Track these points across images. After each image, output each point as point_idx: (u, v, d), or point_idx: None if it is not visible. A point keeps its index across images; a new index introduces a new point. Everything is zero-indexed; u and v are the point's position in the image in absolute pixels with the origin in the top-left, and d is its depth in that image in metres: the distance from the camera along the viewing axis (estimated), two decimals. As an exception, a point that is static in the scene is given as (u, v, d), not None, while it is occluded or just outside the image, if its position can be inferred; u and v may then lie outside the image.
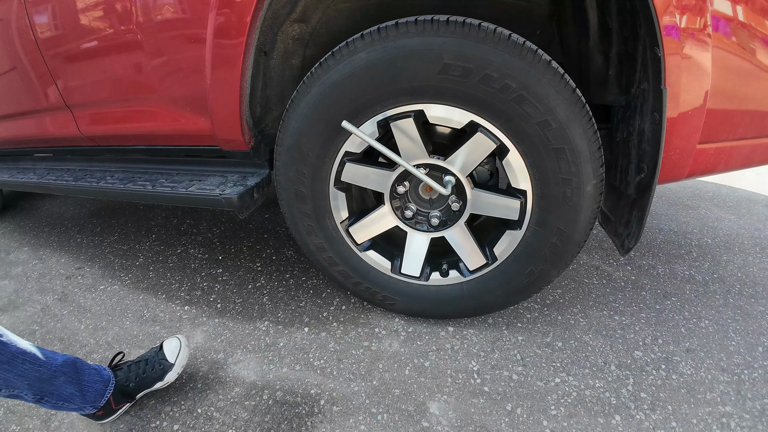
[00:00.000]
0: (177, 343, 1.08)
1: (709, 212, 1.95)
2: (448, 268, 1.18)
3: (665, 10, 0.77)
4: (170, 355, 1.05)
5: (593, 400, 1.01)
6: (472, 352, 1.16)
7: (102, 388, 0.97)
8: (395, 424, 0.97)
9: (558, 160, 0.90)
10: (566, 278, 1.45)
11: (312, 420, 0.98)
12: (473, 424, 0.96)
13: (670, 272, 1.48)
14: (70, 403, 0.93)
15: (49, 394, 0.90)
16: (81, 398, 0.94)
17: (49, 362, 0.90)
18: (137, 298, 1.46)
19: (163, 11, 1.04)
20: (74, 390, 0.93)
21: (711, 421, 0.95)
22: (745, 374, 1.07)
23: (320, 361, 1.15)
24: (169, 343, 1.08)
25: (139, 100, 1.23)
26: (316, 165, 1.05)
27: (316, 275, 1.52)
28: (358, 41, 0.89)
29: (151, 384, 1.03)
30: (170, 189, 1.24)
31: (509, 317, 1.28)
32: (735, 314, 1.27)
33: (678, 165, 0.94)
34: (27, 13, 1.27)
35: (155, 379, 1.03)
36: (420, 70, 0.87)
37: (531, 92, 0.85)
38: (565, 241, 1.00)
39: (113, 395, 0.99)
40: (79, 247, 1.86)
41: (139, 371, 1.03)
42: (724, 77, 0.87)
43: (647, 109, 0.88)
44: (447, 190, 0.99)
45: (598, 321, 1.25)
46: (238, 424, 0.98)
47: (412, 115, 0.94)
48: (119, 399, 1.00)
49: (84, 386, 0.95)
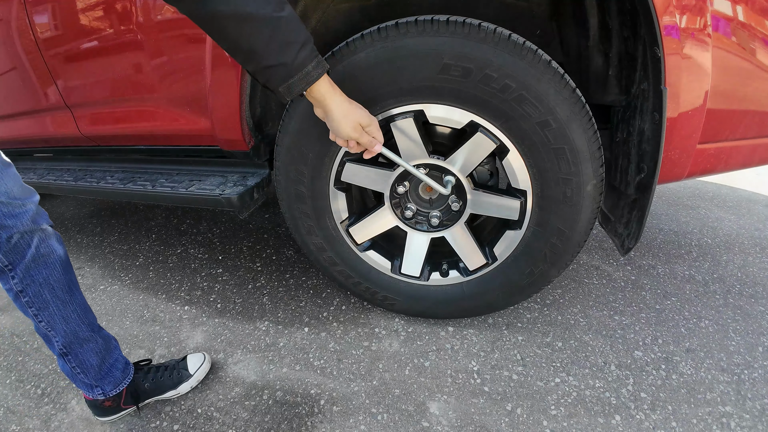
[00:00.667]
0: (201, 358, 1.12)
1: (709, 212, 1.95)
2: (448, 268, 1.18)
3: (665, 10, 0.77)
4: (191, 367, 1.08)
5: (593, 400, 1.01)
6: (472, 352, 1.16)
7: (120, 377, 0.99)
8: (395, 424, 0.97)
9: (558, 160, 0.90)
10: (566, 278, 1.45)
11: (312, 420, 0.98)
12: (473, 424, 0.96)
13: (670, 272, 1.48)
14: (86, 375, 0.94)
15: (73, 354, 0.92)
16: (97, 375, 0.96)
17: (91, 324, 0.94)
18: (137, 298, 1.46)
19: (163, 11, 1.04)
20: (96, 363, 0.95)
21: (711, 421, 0.95)
22: (745, 374, 1.07)
23: (320, 361, 1.15)
24: (193, 356, 1.12)
25: (139, 100, 1.23)
26: (316, 165, 1.05)
27: (316, 275, 1.52)
28: (358, 41, 0.89)
29: (164, 390, 1.05)
30: (170, 189, 1.24)
31: (509, 317, 1.28)
32: (735, 314, 1.27)
33: (678, 165, 0.94)
34: (27, 13, 1.26)
35: (170, 387, 1.05)
36: (420, 70, 0.87)
37: (531, 92, 0.85)
38: (565, 241, 1.00)
39: (127, 389, 1.00)
40: (79, 247, 1.86)
41: (157, 375, 1.06)
42: (724, 77, 0.87)
43: (647, 109, 0.88)
44: (447, 190, 0.99)
45: (598, 321, 1.25)
46: (238, 424, 0.98)
47: (412, 115, 0.94)
48: (129, 399, 1.01)
49: (106, 365, 0.97)
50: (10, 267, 0.82)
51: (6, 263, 0.81)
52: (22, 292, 0.84)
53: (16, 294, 0.84)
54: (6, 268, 0.81)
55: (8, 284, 0.84)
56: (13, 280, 0.83)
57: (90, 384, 0.95)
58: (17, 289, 0.84)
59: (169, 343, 1.25)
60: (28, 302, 0.85)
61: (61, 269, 0.87)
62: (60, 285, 0.87)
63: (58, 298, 0.87)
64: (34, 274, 0.83)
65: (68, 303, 0.89)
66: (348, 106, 0.80)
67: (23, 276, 0.83)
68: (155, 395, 1.04)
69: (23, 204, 0.81)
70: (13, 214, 0.79)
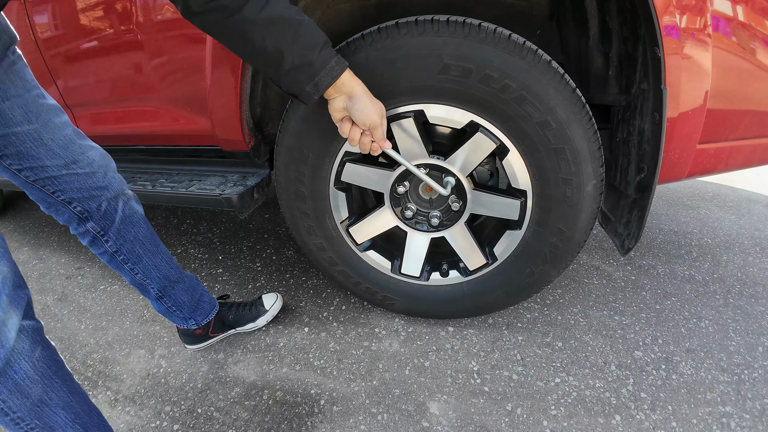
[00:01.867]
0: (275, 297, 1.28)
1: (709, 212, 1.95)
2: (448, 268, 1.18)
3: (665, 10, 0.77)
4: (267, 304, 1.25)
5: (593, 400, 1.01)
6: (472, 352, 1.16)
7: (209, 309, 1.15)
8: (395, 424, 0.97)
9: (558, 160, 0.90)
10: (566, 278, 1.45)
11: (312, 420, 0.98)
12: (473, 424, 0.96)
13: (670, 272, 1.48)
14: (180, 311, 1.09)
15: (168, 296, 1.05)
16: (189, 309, 1.10)
17: (176, 267, 1.06)
18: (137, 298, 1.46)
19: (163, 11, 1.04)
20: (187, 299, 1.09)
21: (711, 421, 0.95)
22: (745, 374, 1.07)
23: (320, 361, 1.15)
24: (267, 295, 1.28)
25: (139, 100, 1.23)
26: (316, 165, 1.05)
27: (316, 275, 1.52)
28: (358, 41, 0.89)
29: (244, 322, 1.21)
30: (170, 189, 1.24)
31: (509, 317, 1.28)
32: (735, 314, 1.27)
33: (678, 165, 0.94)
34: (27, 13, 1.26)
35: (249, 319, 1.21)
36: (420, 70, 0.87)
37: (531, 92, 0.85)
38: (565, 241, 1.00)
39: (215, 319, 1.16)
40: (79, 247, 1.86)
41: (239, 309, 1.22)
42: (724, 77, 0.87)
43: (647, 109, 0.88)
44: (446, 191, 0.99)
45: (598, 321, 1.25)
46: (238, 424, 0.98)
47: (412, 115, 0.94)
48: (217, 327, 1.17)
49: (194, 299, 1.11)
50: (102, 233, 0.91)
51: (99, 230, 0.90)
52: (117, 252, 0.94)
53: (111, 255, 0.94)
54: (99, 234, 0.91)
55: (103, 248, 0.93)
56: (107, 243, 0.93)
57: (185, 317, 1.11)
58: (112, 250, 0.94)
59: (169, 343, 1.25)
60: (123, 259, 0.96)
61: (145, 225, 0.97)
62: (147, 239, 0.98)
63: (148, 251, 0.98)
64: (125, 234, 0.93)
65: (157, 253, 1.00)
66: (371, 95, 0.82)
67: (116, 238, 0.92)
68: (237, 326, 1.21)
69: (105, 173, 0.87)
70: (99, 185, 0.86)
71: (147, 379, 1.13)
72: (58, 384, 0.69)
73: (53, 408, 0.68)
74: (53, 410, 0.68)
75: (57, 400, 0.69)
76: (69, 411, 0.70)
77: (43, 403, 0.66)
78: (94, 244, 0.93)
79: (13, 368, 0.63)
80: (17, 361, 0.63)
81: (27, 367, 0.65)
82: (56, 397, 0.69)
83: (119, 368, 1.17)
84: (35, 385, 0.66)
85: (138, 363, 1.18)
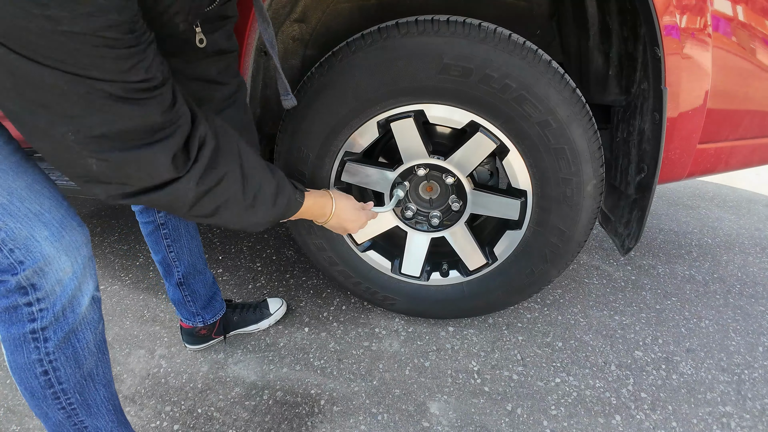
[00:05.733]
0: (280, 302, 1.30)
1: (709, 212, 1.95)
2: (448, 268, 1.18)
3: (665, 10, 0.77)
4: (272, 308, 1.26)
5: (593, 400, 1.01)
6: (473, 352, 1.16)
7: (218, 308, 1.17)
8: (395, 424, 0.97)
9: (558, 160, 0.90)
10: (566, 278, 1.45)
11: (312, 420, 0.98)
12: (473, 424, 0.96)
13: (670, 272, 1.48)
14: (194, 304, 1.11)
15: (187, 284, 1.08)
16: (202, 305, 1.12)
17: (205, 259, 1.10)
18: (137, 298, 1.46)
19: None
20: (204, 293, 1.12)
21: (711, 421, 0.95)
22: (745, 374, 1.07)
23: (320, 361, 1.15)
24: (272, 300, 1.29)
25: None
26: (316, 165, 1.05)
27: (316, 275, 1.52)
28: (358, 41, 0.89)
29: (248, 324, 1.22)
30: (170, 189, 1.24)
31: (509, 317, 1.28)
32: (735, 314, 1.27)
33: (678, 165, 0.94)
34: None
35: (254, 321, 1.23)
36: (420, 70, 0.87)
37: (531, 92, 0.85)
38: (565, 241, 1.00)
39: (220, 320, 1.18)
40: (79, 247, 1.86)
41: (244, 310, 1.23)
42: (724, 77, 0.87)
43: (647, 109, 0.88)
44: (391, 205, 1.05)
45: (598, 321, 1.25)
46: (238, 424, 0.98)
47: (412, 115, 0.94)
48: (220, 330, 1.18)
49: (209, 296, 1.14)
50: None
51: None
52: (163, 225, 0.97)
53: (156, 226, 0.97)
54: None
55: (152, 216, 0.96)
56: (158, 213, 0.96)
57: (194, 312, 1.11)
58: (160, 221, 0.97)
59: (169, 343, 1.25)
60: (165, 234, 0.98)
61: None
62: (190, 222, 1.01)
63: (189, 233, 1.02)
64: None
65: (194, 238, 1.04)
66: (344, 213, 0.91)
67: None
68: (241, 327, 1.22)
69: None
70: None
71: (147, 379, 1.13)
72: (106, 361, 0.69)
73: (96, 384, 0.68)
74: (96, 386, 0.67)
75: (102, 377, 0.68)
76: (108, 390, 0.70)
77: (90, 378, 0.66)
78: (145, 211, 0.96)
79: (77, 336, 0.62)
80: (83, 330, 0.63)
81: (90, 338, 0.64)
82: (102, 374, 0.68)
83: (119, 368, 1.17)
84: (91, 357, 0.65)
85: (138, 363, 1.18)
